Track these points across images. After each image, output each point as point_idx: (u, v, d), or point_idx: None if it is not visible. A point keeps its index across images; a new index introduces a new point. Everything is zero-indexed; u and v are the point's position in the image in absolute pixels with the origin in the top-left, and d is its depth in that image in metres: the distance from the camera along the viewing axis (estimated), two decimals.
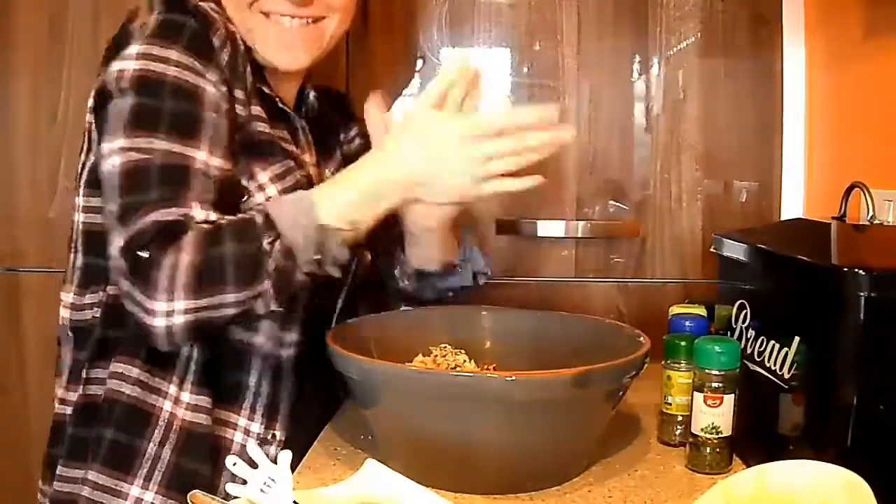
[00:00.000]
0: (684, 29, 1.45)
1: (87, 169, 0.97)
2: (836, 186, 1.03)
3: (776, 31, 1.44)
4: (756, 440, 0.91)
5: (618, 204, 1.48)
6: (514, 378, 0.81)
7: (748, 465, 0.87)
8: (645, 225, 1.48)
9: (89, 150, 0.96)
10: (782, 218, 1.45)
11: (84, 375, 0.95)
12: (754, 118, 1.46)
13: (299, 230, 0.86)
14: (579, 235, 1.47)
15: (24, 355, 1.50)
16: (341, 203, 0.89)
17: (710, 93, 1.46)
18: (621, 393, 0.90)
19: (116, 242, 0.84)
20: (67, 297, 0.99)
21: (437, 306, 1.13)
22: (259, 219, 0.86)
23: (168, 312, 0.82)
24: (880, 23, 1.20)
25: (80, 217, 0.98)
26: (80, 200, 0.98)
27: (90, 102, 0.95)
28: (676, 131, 1.47)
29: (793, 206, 1.45)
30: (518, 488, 0.85)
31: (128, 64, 0.88)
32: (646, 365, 0.89)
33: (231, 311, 0.85)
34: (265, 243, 0.85)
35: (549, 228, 1.45)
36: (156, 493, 0.91)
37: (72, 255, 0.99)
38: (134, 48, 0.89)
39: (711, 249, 1.07)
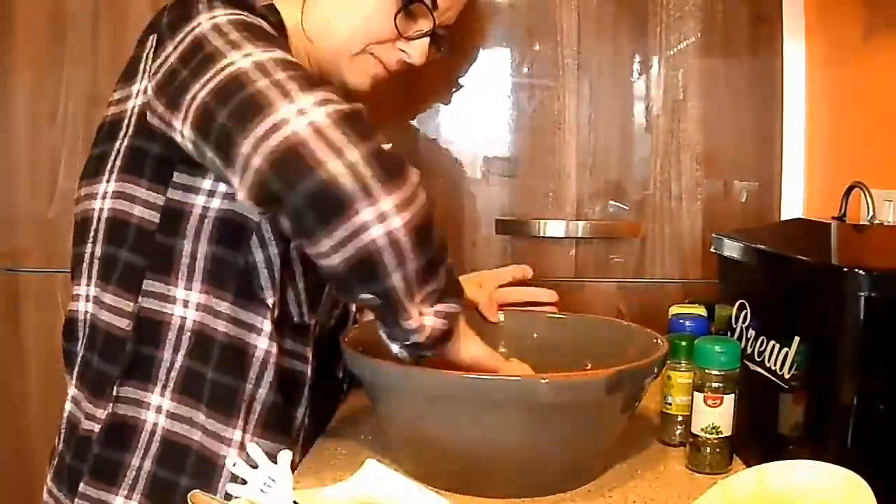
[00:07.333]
0: (684, 29, 1.45)
1: (121, 155, 0.92)
2: (836, 186, 1.03)
3: (776, 30, 1.44)
4: (756, 440, 0.91)
5: (618, 204, 1.48)
6: (547, 380, 0.80)
7: (748, 465, 0.87)
8: (645, 225, 1.48)
9: (133, 133, 0.92)
10: (782, 218, 1.45)
11: (114, 393, 0.90)
12: (754, 118, 1.46)
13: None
14: (579, 235, 1.47)
15: (24, 355, 1.50)
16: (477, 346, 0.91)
17: (710, 93, 1.46)
18: (642, 393, 0.90)
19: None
20: (81, 289, 0.95)
21: None
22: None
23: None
24: (880, 23, 1.20)
25: (105, 204, 0.93)
26: (107, 187, 0.93)
27: (157, 80, 0.86)
28: (676, 131, 1.46)
29: (793, 206, 1.45)
30: (533, 493, 0.84)
31: (219, 17, 0.85)
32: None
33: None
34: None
35: (549, 228, 1.45)
36: None
37: (89, 246, 0.94)
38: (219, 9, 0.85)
39: (711, 249, 1.07)
